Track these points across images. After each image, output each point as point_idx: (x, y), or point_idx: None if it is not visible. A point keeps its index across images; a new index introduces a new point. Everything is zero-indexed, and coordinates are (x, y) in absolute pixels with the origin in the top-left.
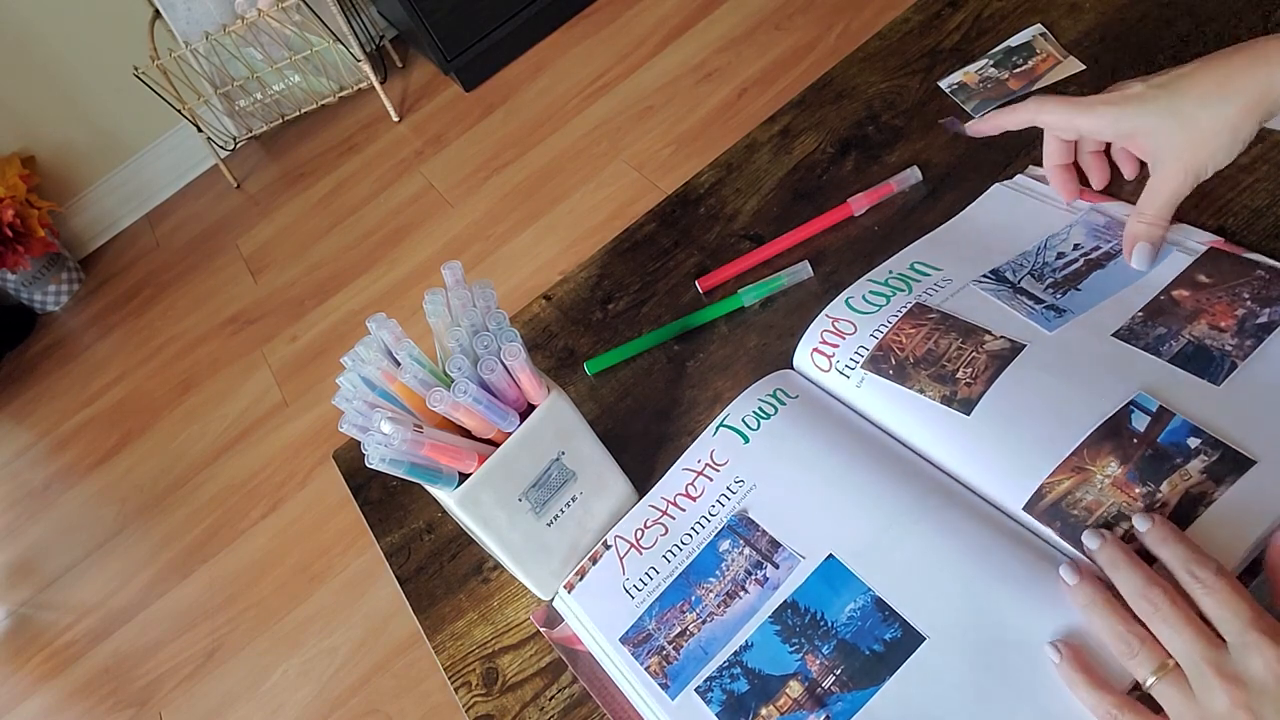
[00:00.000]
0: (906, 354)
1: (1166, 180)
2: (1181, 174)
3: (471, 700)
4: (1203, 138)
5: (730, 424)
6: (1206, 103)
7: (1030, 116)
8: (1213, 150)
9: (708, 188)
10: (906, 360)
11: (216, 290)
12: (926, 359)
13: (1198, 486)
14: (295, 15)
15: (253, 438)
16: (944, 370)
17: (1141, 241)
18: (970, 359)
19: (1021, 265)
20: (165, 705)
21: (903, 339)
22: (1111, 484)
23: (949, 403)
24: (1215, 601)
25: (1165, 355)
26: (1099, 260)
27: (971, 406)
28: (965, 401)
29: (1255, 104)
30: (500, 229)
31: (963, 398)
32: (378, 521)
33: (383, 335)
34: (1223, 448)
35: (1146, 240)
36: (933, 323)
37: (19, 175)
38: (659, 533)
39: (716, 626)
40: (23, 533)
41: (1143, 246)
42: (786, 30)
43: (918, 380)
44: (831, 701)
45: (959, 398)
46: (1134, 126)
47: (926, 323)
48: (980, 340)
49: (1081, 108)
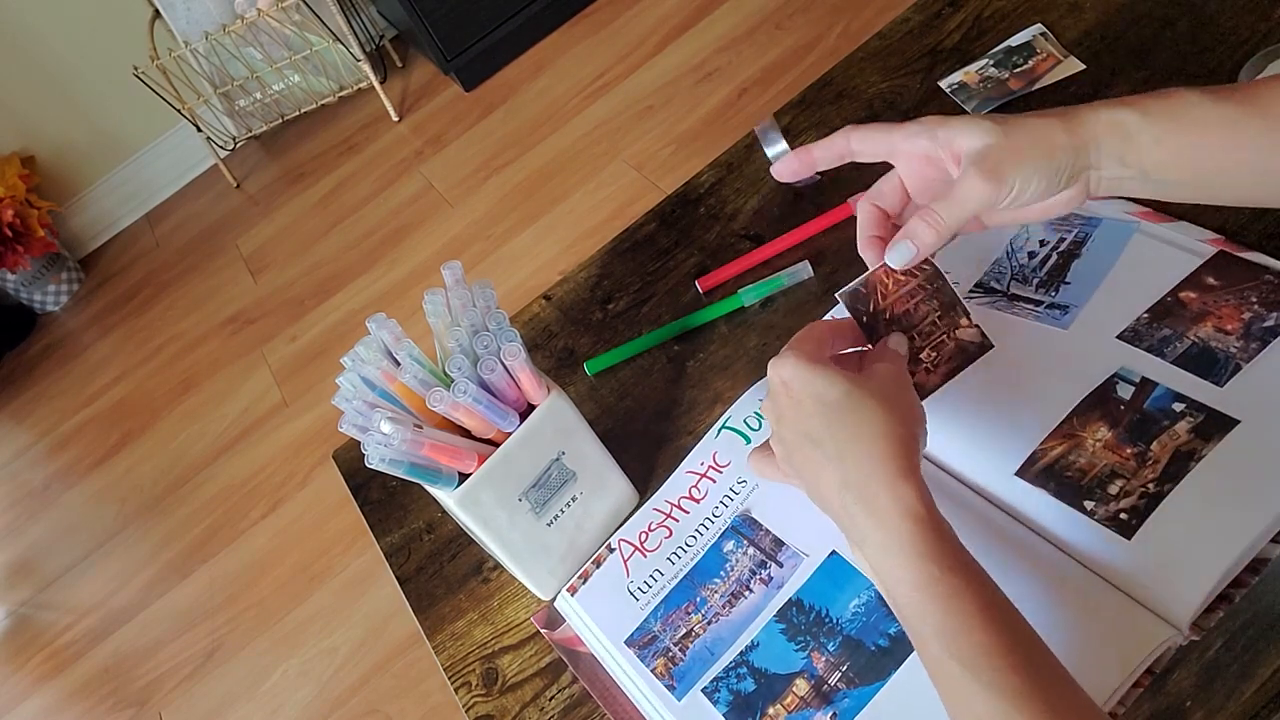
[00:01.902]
0: (887, 304)
1: (970, 179)
2: (988, 176)
3: (471, 700)
4: (1019, 146)
5: (732, 425)
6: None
7: (844, 144)
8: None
9: (708, 188)
10: (883, 313)
11: (216, 290)
12: (903, 319)
13: (1187, 445)
14: (295, 15)
15: (253, 438)
16: (911, 344)
17: (908, 241)
18: (939, 342)
19: (1001, 272)
20: (165, 705)
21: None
22: (1103, 446)
23: None
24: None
25: (1169, 357)
26: (1070, 250)
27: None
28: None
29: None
30: (500, 229)
31: (918, 383)
32: (378, 521)
33: (383, 335)
34: (1206, 410)
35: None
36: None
37: (19, 175)
38: (663, 535)
39: (722, 627)
40: (23, 533)
41: (907, 245)
42: (786, 30)
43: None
44: (838, 698)
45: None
46: (953, 131)
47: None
48: (955, 322)
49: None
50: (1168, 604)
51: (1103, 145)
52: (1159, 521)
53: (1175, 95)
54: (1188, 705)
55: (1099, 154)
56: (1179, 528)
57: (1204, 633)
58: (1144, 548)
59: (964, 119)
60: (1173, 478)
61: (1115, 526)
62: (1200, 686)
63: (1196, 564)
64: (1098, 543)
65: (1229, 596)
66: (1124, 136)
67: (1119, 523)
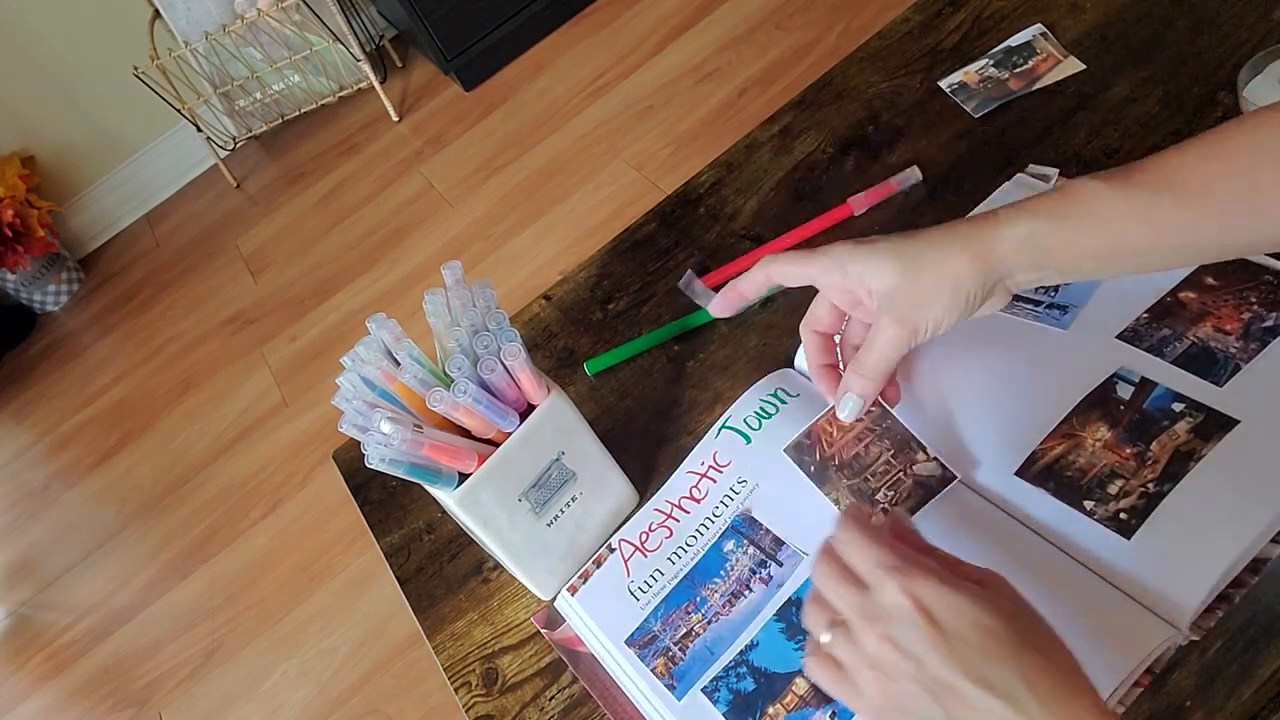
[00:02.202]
0: (834, 451)
1: (884, 331)
2: (898, 325)
3: (471, 700)
4: (923, 288)
5: (732, 425)
6: (932, 247)
7: (764, 274)
8: (932, 304)
9: (708, 188)
10: (831, 460)
11: (216, 290)
12: (852, 465)
13: (1186, 445)
14: (295, 15)
15: (253, 438)
16: (865, 485)
17: (851, 394)
18: (895, 480)
19: None
20: (165, 705)
21: (834, 432)
22: (1103, 446)
23: None
24: (852, 553)
25: (1169, 357)
26: None
27: None
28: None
29: (978, 256)
30: (500, 229)
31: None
32: (378, 521)
33: (383, 335)
34: (1206, 410)
35: (858, 394)
36: (871, 419)
37: (19, 175)
38: (663, 535)
39: (722, 626)
40: (23, 533)
41: (852, 399)
42: (786, 30)
43: (836, 488)
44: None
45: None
46: (862, 266)
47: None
48: (911, 458)
49: (814, 253)
50: (1168, 604)
51: (1011, 262)
52: (1159, 521)
53: (1080, 191)
54: (1188, 705)
55: (1009, 269)
56: (1179, 528)
57: (1204, 633)
58: (1144, 548)
59: (870, 253)
60: (1172, 478)
61: (1115, 526)
62: (1200, 686)
63: (1196, 564)
64: (1097, 543)
65: (1229, 596)
66: (1033, 249)
67: (1119, 523)
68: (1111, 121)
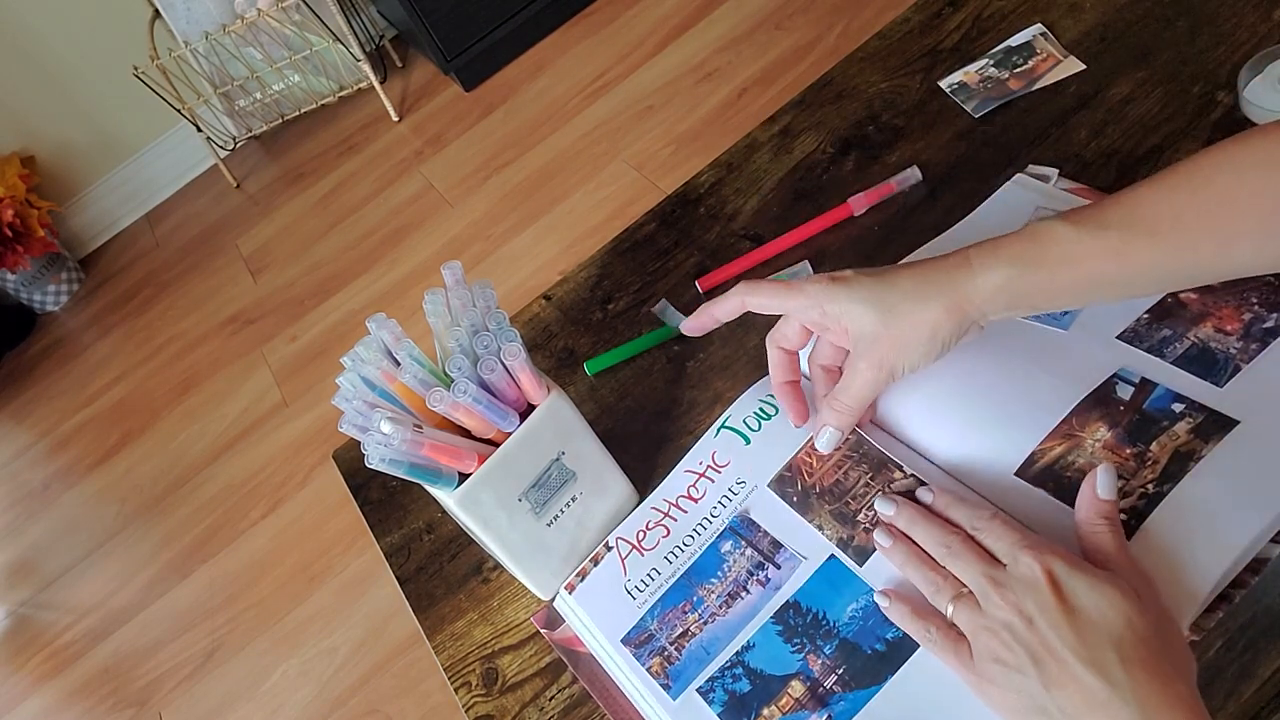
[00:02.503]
0: (814, 481)
1: (861, 373)
2: (875, 369)
3: (471, 700)
4: (901, 335)
5: (731, 425)
6: (909, 296)
7: (739, 301)
8: (909, 350)
9: (708, 187)
10: (812, 489)
11: (216, 290)
12: (833, 491)
13: (1186, 445)
14: (295, 15)
15: (253, 438)
16: (846, 509)
17: (829, 427)
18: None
19: None
20: (165, 705)
21: (813, 462)
22: (1103, 446)
23: (844, 547)
24: (991, 534)
25: (1169, 357)
26: None
27: (865, 557)
28: (860, 550)
29: (955, 306)
30: (500, 229)
31: (859, 545)
32: (378, 521)
33: (383, 335)
34: (1206, 410)
35: (836, 428)
36: (847, 446)
37: (19, 175)
38: (661, 534)
39: (718, 627)
40: (23, 533)
41: (829, 431)
42: (786, 30)
43: (819, 515)
44: (833, 701)
45: (854, 544)
46: (841, 309)
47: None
48: (888, 478)
49: (791, 288)
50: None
51: (986, 307)
52: (1158, 522)
53: (1053, 235)
54: None
55: (984, 313)
56: (1179, 528)
57: (1204, 633)
58: (1143, 548)
59: (848, 297)
60: (1172, 478)
61: None
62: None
63: (1196, 564)
64: None
65: (1229, 596)
66: (1009, 295)
67: None
68: (1111, 121)
